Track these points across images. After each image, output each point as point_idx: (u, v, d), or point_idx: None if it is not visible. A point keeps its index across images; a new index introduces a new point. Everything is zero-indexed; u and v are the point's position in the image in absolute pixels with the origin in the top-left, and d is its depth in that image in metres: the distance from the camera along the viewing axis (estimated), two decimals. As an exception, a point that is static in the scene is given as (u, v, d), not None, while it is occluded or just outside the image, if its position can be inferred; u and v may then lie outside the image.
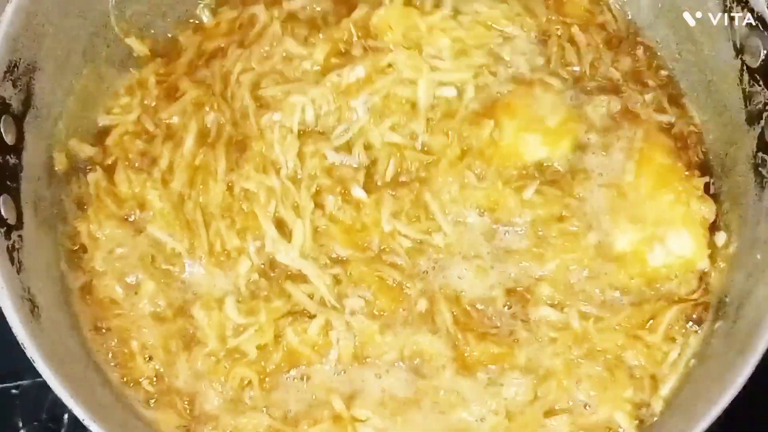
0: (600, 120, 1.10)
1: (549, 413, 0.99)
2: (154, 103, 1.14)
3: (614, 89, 1.13)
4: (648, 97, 1.13)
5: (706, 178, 1.08)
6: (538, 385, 0.99)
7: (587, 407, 0.99)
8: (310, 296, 1.02)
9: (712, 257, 1.05)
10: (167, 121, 1.12)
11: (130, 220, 1.08)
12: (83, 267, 1.06)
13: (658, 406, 1.00)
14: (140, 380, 1.01)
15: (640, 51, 1.16)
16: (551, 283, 1.04)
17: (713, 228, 1.06)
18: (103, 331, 1.04)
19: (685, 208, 1.05)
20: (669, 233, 1.05)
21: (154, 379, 1.02)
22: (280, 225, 1.05)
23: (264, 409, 1.00)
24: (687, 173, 1.07)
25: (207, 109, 1.11)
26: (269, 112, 1.10)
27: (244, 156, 1.09)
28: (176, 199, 1.07)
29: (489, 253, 1.05)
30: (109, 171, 1.10)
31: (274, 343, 1.01)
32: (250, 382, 1.00)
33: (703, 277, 1.05)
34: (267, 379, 1.01)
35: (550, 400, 0.99)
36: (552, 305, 1.03)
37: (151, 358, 1.02)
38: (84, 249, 1.06)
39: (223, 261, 1.05)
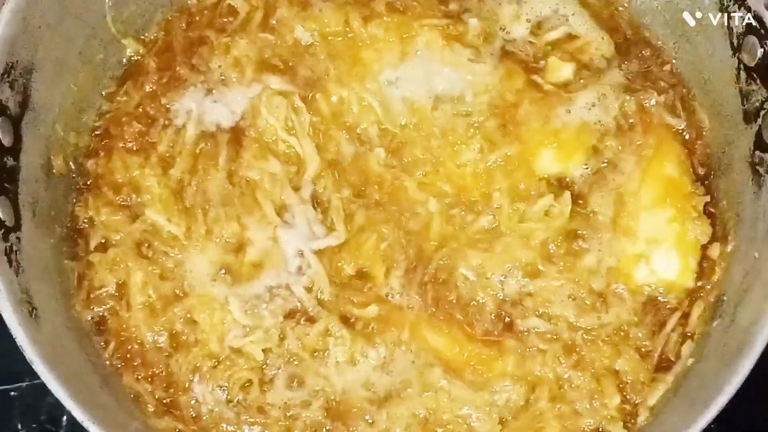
0: (614, 122, 1.09)
1: (539, 420, 0.98)
2: (154, 89, 1.13)
3: (627, 89, 1.11)
4: (661, 98, 1.10)
5: (707, 198, 1.06)
6: (529, 393, 0.99)
7: (575, 415, 0.99)
8: (308, 290, 1.03)
9: (702, 276, 1.04)
10: (167, 107, 1.12)
11: (126, 205, 1.08)
12: (81, 263, 1.06)
13: (644, 415, 1.00)
14: (140, 381, 1.01)
15: (647, 53, 1.15)
16: (542, 297, 1.03)
17: (712, 238, 1.05)
18: (102, 331, 1.04)
19: (680, 226, 1.04)
20: (659, 252, 1.04)
21: (154, 379, 1.01)
22: (281, 213, 1.06)
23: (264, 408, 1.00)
24: (690, 189, 1.06)
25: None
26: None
27: (242, 146, 1.09)
28: (175, 186, 1.08)
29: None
30: (107, 156, 1.10)
31: (277, 346, 1.01)
32: (251, 382, 1.00)
33: (687, 295, 1.04)
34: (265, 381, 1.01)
35: (541, 407, 0.99)
36: (540, 317, 1.02)
37: (150, 359, 1.02)
38: (82, 243, 1.07)
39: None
